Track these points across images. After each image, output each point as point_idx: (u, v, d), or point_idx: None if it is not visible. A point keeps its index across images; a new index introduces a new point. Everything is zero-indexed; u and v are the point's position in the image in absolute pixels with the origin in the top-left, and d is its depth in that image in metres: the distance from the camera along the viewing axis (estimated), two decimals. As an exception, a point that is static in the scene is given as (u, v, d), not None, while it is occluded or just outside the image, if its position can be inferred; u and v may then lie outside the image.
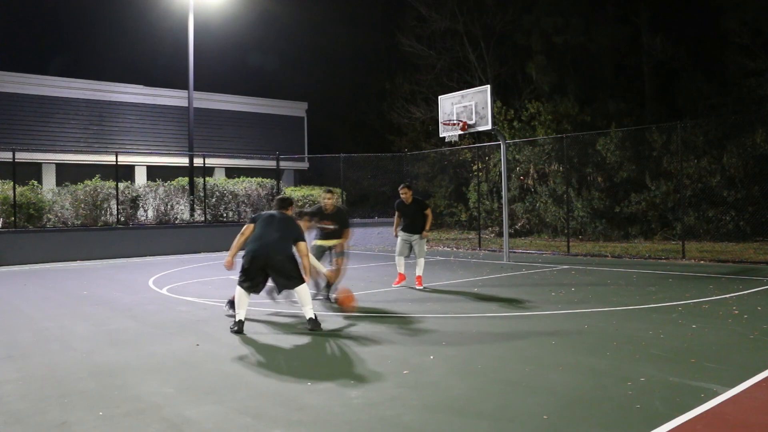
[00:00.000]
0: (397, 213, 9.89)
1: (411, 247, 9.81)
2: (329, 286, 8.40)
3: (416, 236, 9.72)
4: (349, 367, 5.06)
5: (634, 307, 7.58)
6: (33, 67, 26.88)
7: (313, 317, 6.55)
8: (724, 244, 15.30)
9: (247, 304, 6.64)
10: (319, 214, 8.61)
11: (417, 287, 9.52)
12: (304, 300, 6.58)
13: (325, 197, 8.61)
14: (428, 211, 9.82)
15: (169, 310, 7.99)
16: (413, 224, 9.73)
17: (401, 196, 9.81)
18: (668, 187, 17.13)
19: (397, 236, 9.93)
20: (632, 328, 6.29)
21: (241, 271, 6.66)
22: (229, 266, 6.89)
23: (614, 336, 5.97)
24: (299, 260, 6.75)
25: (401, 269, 9.93)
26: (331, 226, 8.55)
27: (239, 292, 6.60)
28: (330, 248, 8.62)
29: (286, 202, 7.25)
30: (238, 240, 6.77)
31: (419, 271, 9.71)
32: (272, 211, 7.11)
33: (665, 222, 17.56)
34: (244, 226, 6.90)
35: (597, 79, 25.02)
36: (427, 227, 9.74)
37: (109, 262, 15.19)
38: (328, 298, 8.32)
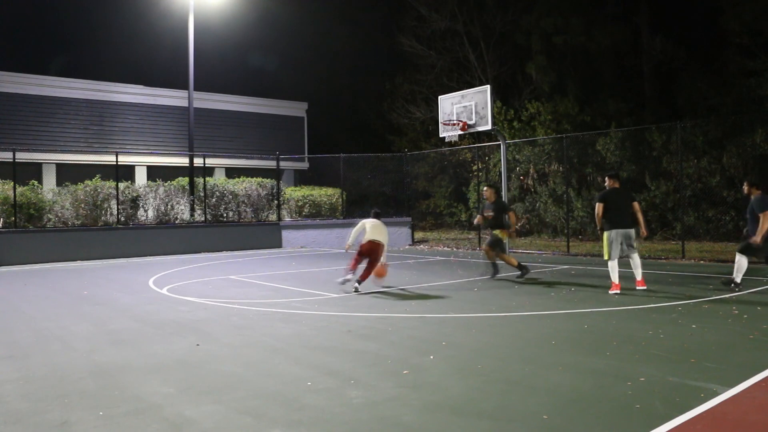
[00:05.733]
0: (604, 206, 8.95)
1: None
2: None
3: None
4: (349, 367, 5.06)
5: (634, 307, 7.58)
6: (33, 67, 26.85)
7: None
8: (724, 244, 15.28)
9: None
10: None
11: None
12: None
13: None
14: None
15: (169, 310, 7.99)
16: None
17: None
18: (668, 187, 17.13)
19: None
20: (632, 328, 6.30)
21: None
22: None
23: (614, 336, 5.97)
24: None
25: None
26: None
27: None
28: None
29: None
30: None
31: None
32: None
33: (665, 222, 17.57)
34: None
35: (597, 79, 25.01)
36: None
37: (109, 262, 15.20)
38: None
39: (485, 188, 11.17)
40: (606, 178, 9.25)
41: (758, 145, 15.83)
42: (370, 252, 9.52)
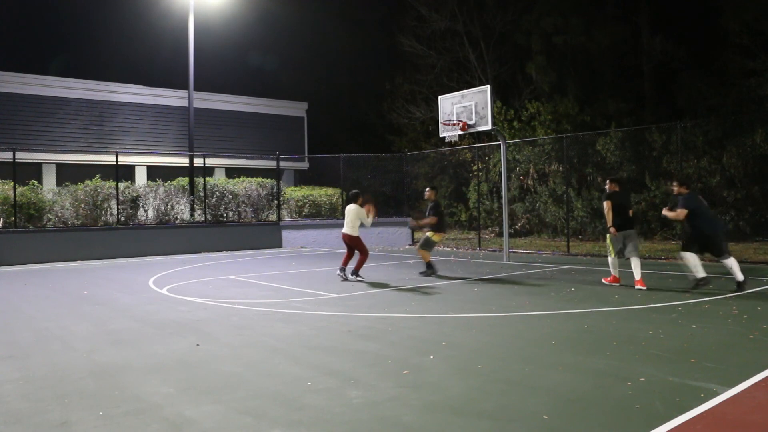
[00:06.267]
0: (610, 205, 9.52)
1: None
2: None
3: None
4: (349, 367, 5.06)
5: (634, 307, 7.58)
6: (33, 67, 26.81)
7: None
8: (724, 244, 15.28)
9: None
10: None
11: None
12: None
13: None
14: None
15: (169, 310, 7.99)
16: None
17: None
18: (668, 187, 17.12)
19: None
20: (632, 328, 6.30)
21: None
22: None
23: (614, 336, 5.97)
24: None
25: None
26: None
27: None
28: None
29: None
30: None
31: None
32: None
33: (665, 222, 17.56)
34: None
35: (597, 79, 25.01)
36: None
37: (109, 262, 15.20)
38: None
39: (428, 189, 11.75)
40: (607, 182, 9.73)
41: (758, 145, 15.82)
42: (345, 243, 10.79)
